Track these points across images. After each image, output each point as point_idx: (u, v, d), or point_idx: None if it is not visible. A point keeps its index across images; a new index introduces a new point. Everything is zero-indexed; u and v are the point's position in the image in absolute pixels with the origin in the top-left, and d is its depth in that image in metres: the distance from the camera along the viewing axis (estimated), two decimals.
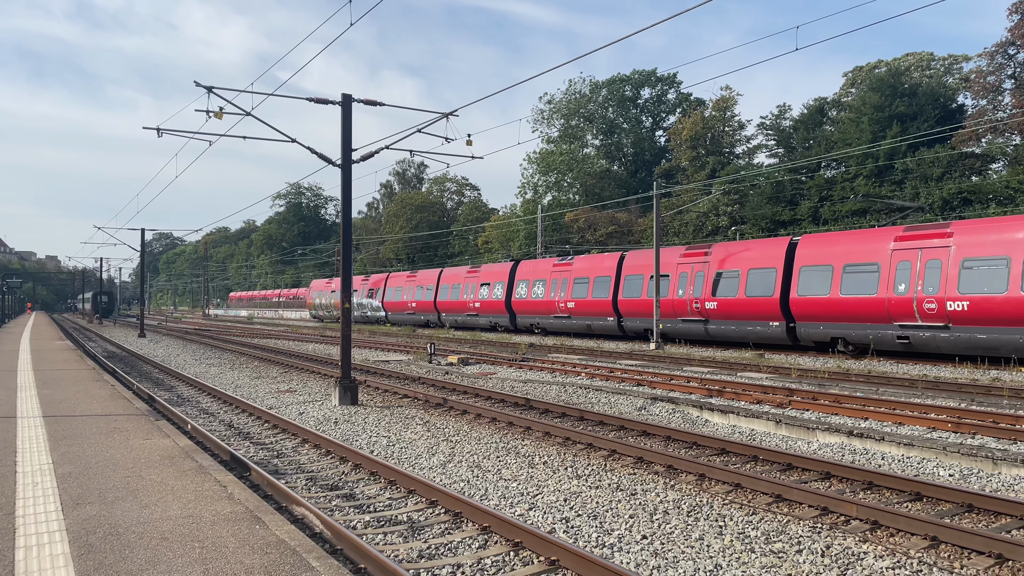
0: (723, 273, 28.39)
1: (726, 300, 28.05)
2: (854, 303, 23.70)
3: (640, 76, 72.82)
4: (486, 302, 42.73)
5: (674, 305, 30.14)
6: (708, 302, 28.70)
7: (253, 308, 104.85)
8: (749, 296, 27.16)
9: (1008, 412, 12.67)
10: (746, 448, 10.40)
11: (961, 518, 7.55)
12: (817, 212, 48.19)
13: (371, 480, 9.26)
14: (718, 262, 28.80)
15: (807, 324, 25.46)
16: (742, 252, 28.35)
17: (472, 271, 45.27)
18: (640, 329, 32.43)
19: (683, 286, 29.95)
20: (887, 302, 22.77)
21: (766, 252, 27.35)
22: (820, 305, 24.78)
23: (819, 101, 55.82)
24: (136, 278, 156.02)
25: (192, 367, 25.10)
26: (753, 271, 27.27)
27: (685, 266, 30.17)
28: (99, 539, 5.81)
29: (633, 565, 6.34)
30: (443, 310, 47.45)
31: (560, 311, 36.98)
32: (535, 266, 40.49)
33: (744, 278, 27.50)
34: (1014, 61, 43.73)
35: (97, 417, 11.84)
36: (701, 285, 29.11)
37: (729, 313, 28.05)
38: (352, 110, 15.94)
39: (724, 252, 29.03)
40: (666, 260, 30.75)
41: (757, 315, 27.03)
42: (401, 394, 17.01)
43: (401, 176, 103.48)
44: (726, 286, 28.14)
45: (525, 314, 40.13)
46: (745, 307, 27.40)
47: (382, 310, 55.14)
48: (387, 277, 56.14)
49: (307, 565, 5.24)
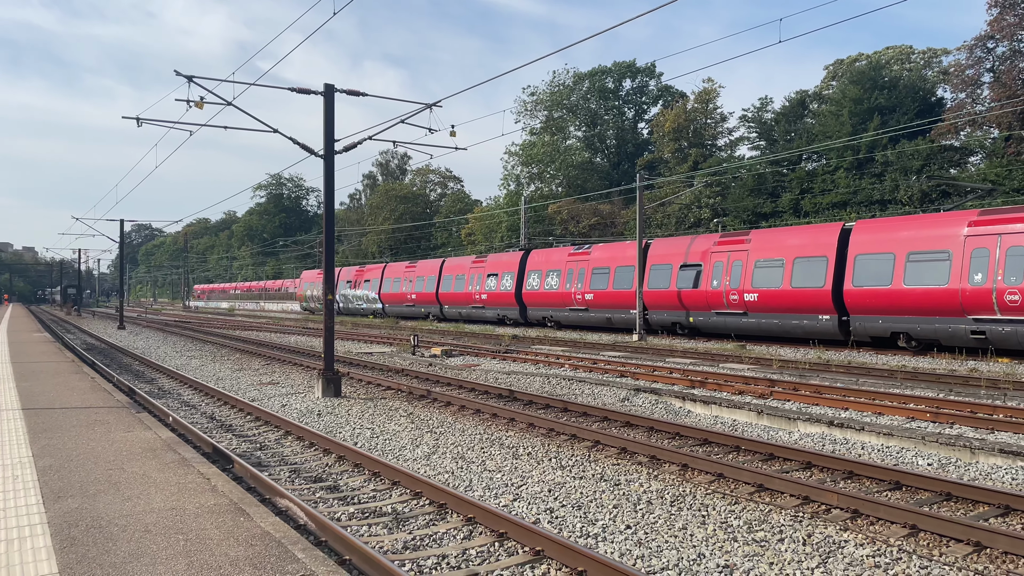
0: (765, 262, 26.37)
1: (768, 291, 26.04)
2: (921, 295, 21.78)
3: (621, 67, 72.87)
4: (494, 294, 40.85)
5: (707, 297, 28.24)
6: (747, 293, 26.72)
7: (224, 300, 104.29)
8: (796, 287, 25.16)
9: (985, 402, 12.85)
10: (728, 438, 10.48)
11: (940, 507, 7.66)
12: (798, 204, 48.54)
13: (355, 472, 9.25)
14: (759, 250, 26.83)
15: (863, 318, 23.53)
16: (787, 239, 26.41)
17: (478, 261, 43.36)
18: (668, 323, 30.76)
19: (717, 276, 27.97)
20: (960, 293, 20.85)
21: (816, 239, 25.35)
22: (880, 297, 22.82)
23: (800, 94, 56.14)
24: (115, 269, 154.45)
25: (173, 359, 24.92)
26: (800, 260, 25.28)
27: (720, 255, 28.17)
28: (81, 532, 5.77)
29: (617, 555, 6.38)
30: (446, 302, 45.74)
31: (577, 303, 35.06)
32: (548, 255, 38.37)
33: (790, 267, 25.50)
34: (993, 55, 44.16)
35: (77, 410, 11.74)
36: (739, 275, 27.13)
37: (772, 306, 26.09)
38: (335, 100, 15.85)
39: (766, 239, 27.14)
40: (696, 248, 29.32)
41: (805, 308, 25.09)
42: (385, 386, 16.98)
43: (384, 167, 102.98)
44: (768, 276, 26.15)
45: (537, 306, 38.28)
46: (791, 299, 25.40)
47: (379, 302, 53.33)
48: (384, 267, 54.14)
49: (292, 557, 5.23)
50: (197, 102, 15.06)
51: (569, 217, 60.47)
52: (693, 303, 28.92)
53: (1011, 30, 42.41)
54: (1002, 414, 12.07)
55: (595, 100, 73.73)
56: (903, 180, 42.62)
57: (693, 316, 29.11)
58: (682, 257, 29.56)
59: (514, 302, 39.64)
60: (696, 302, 28.75)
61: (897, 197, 42.63)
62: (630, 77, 73.69)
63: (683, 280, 29.22)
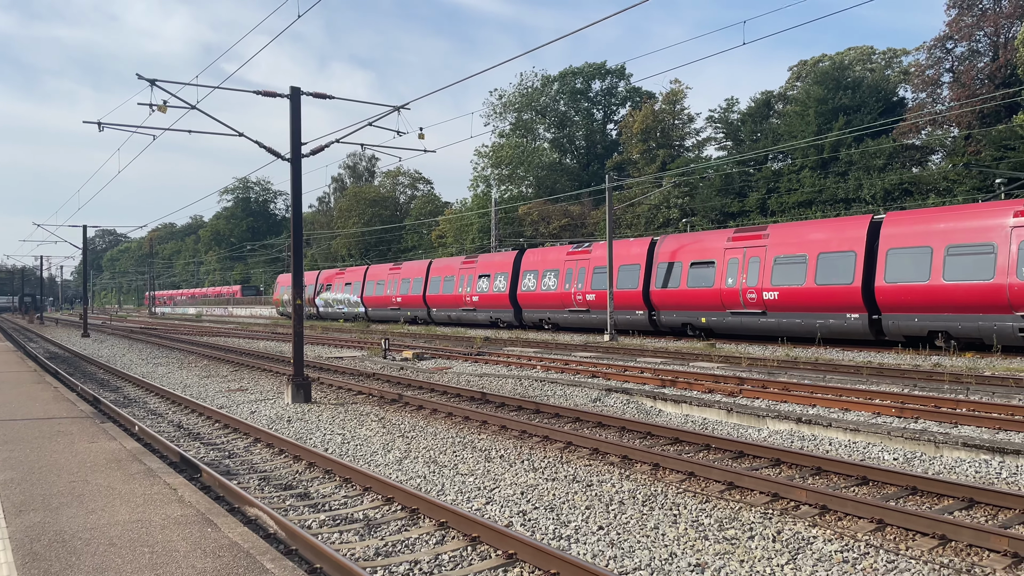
0: (786, 258, 24.87)
1: (790, 289, 24.56)
2: (963, 291, 20.52)
3: (593, 69, 73.23)
4: (486, 296, 38.96)
5: (722, 296, 26.67)
6: (766, 292, 25.18)
7: (192, 307, 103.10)
8: (820, 284, 23.73)
9: (949, 397, 13.09)
10: (699, 437, 10.56)
11: (906, 501, 7.78)
12: (764, 203, 49.12)
13: (326, 478, 9.17)
14: (778, 245, 25.31)
15: (897, 316, 22.12)
16: (809, 233, 24.96)
17: (468, 261, 41.42)
18: (678, 324, 29.09)
19: (733, 274, 26.41)
20: (1008, 289, 19.72)
21: (842, 233, 23.90)
22: (916, 294, 21.53)
23: (766, 95, 56.84)
24: (78, 276, 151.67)
25: (139, 367, 24.52)
26: (825, 255, 23.84)
27: (735, 251, 26.57)
28: (44, 547, 5.64)
29: (590, 556, 6.39)
30: (434, 305, 43.72)
31: (577, 304, 33.34)
32: (544, 255, 36.63)
33: (813, 263, 24.06)
34: (952, 55, 45.06)
35: (40, 420, 11.49)
36: (757, 272, 25.61)
37: (793, 304, 24.60)
38: (301, 103, 15.72)
39: (786, 234, 25.64)
40: (708, 244, 27.84)
41: (831, 306, 23.65)
42: (355, 391, 16.86)
43: (352, 170, 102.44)
44: (789, 273, 24.69)
45: (533, 308, 36.39)
46: (815, 297, 23.95)
47: (361, 305, 51.19)
48: (367, 269, 52.29)
49: (261, 567, 5.16)
50: (160, 106, 14.85)
51: (539, 218, 60.60)
52: (706, 303, 27.43)
53: (969, 31, 43.35)
54: (965, 408, 12.30)
55: (564, 101, 74.00)
56: (867, 179, 43.30)
57: (706, 317, 27.68)
58: (693, 254, 28.08)
59: (508, 304, 37.98)
60: (709, 302, 27.26)
61: (861, 196, 43.31)
62: (599, 79, 74.08)
63: (695, 279, 27.78)
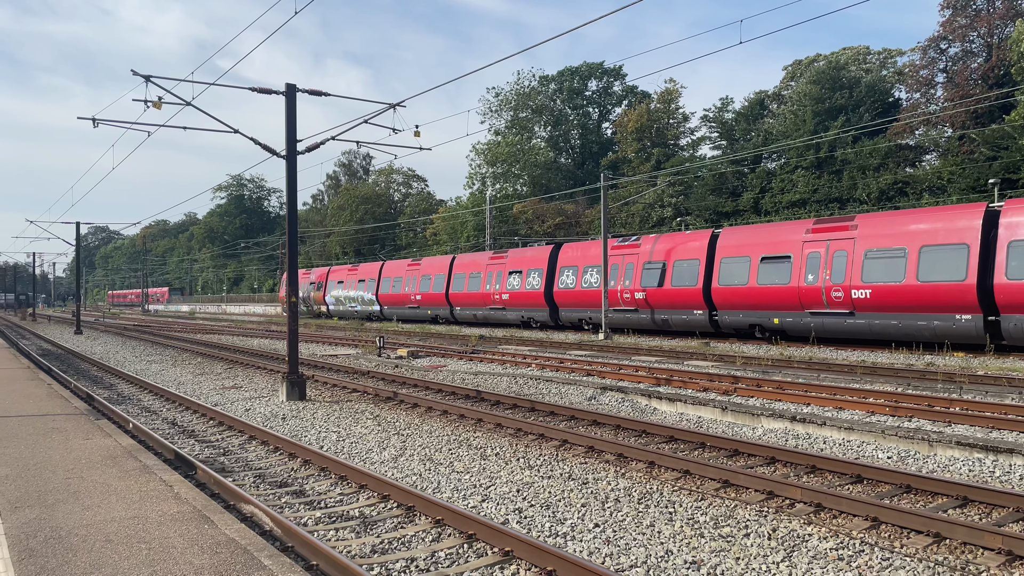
0: (879, 252, 22.61)
1: (885, 287, 22.27)
2: None
3: (588, 68, 73.27)
4: (517, 293, 36.51)
5: (800, 295, 24.37)
6: (855, 290, 22.90)
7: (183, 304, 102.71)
8: (924, 281, 21.39)
9: (942, 395, 13.15)
10: (694, 435, 10.58)
11: (900, 499, 7.82)
12: (758, 203, 49.22)
13: (321, 476, 9.16)
14: (869, 237, 23.03)
15: (1022, 318, 19.87)
16: (908, 224, 22.44)
17: (496, 257, 39.03)
18: (744, 325, 26.62)
19: (813, 270, 24.11)
20: None
21: (951, 223, 21.39)
22: None
23: (760, 94, 56.95)
24: (71, 273, 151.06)
25: (132, 364, 24.45)
26: (929, 248, 21.48)
27: (816, 244, 24.28)
28: (40, 543, 5.63)
29: (586, 553, 6.41)
30: (458, 304, 41.21)
31: (624, 303, 31.10)
32: (586, 249, 34.02)
33: (915, 257, 21.72)
34: (946, 55, 45.22)
35: (34, 417, 11.46)
36: (843, 268, 23.37)
37: (889, 304, 22.31)
38: (297, 100, 15.68)
39: (878, 225, 23.21)
40: (783, 237, 25.51)
41: (936, 306, 21.34)
42: (350, 388, 16.85)
43: (347, 167, 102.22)
44: (885, 269, 22.38)
45: (572, 307, 33.99)
46: (917, 296, 21.61)
47: (376, 303, 48.97)
48: (382, 265, 50.01)
49: (258, 563, 5.16)
50: (155, 102, 14.80)
51: (534, 217, 60.61)
52: (780, 302, 25.03)
53: (963, 31, 43.53)
54: (958, 407, 12.36)
55: (561, 100, 74.03)
56: (861, 179, 43.43)
57: (779, 317, 25.26)
58: (764, 248, 25.73)
59: (543, 303, 35.41)
60: (784, 300, 24.86)
61: (856, 195, 43.44)
62: (596, 78, 74.13)
63: (766, 275, 25.42)
